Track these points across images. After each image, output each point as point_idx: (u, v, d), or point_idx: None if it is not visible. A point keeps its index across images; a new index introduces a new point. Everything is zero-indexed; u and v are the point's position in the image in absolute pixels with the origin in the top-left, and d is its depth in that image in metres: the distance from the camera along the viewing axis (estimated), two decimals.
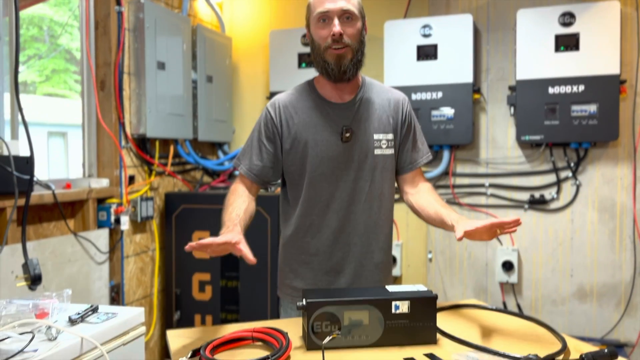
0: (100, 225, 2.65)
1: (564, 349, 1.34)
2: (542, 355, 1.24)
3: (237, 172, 3.57)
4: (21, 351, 1.23)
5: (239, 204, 1.65)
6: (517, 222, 1.42)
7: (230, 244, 1.42)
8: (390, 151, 1.72)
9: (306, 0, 1.70)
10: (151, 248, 3.09)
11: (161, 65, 2.96)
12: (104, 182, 2.70)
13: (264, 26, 3.74)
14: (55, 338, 1.35)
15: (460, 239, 1.43)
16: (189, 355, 1.30)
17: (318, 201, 1.68)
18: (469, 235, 1.46)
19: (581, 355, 1.27)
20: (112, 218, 2.67)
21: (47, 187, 2.33)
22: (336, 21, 1.57)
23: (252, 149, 1.73)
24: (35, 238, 2.34)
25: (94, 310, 1.58)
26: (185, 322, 3.08)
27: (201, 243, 1.35)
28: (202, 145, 3.60)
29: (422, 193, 1.76)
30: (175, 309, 3.10)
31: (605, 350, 1.29)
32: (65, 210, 2.50)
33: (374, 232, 1.72)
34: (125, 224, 2.72)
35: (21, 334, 1.31)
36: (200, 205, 3.07)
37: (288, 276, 1.77)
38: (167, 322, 3.13)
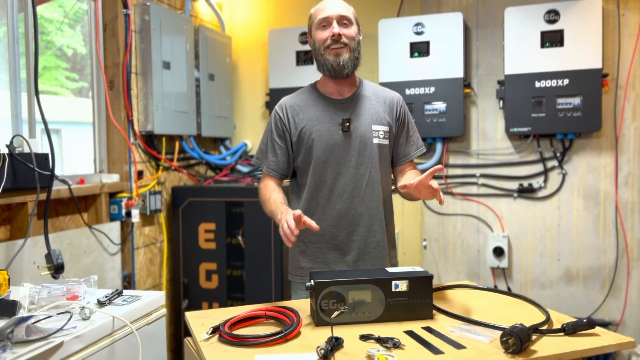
0: (112, 218, 2.79)
1: (548, 320, 1.50)
2: (527, 325, 1.40)
3: (241, 168, 3.72)
4: (61, 328, 1.38)
5: (276, 195, 1.83)
6: (437, 169, 1.60)
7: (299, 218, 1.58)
8: (387, 142, 1.90)
9: (303, 0, 1.91)
10: (159, 240, 3.23)
11: (166, 65, 3.09)
12: (114, 177, 2.84)
13: (263, 25, 3.87)
14: (89, 317, 1.51)
15: (401, 187, 1.74)
16: (210, 332, 1.45)
17: (323, 186, 1.86)
18: (410, 187, 1.66)
19: (562, 325, 1.43)
20: (123, 211, 2.81)
21: (64, 182, 2.46)
22: (335, 24, 1.81)
23: (267, 148, 1.93)
24: (53, 231, 2.47)
25: (119, 293, 1.73)
26: (193, 309, 3.21)
27: (291, 228, 1.55)
28: (205, 141, 3.74)
29: (407, 176, 1.94)
30: (183, 297, 3.24)
31: (584, 320, 1.46)
32: (79, 204, 2.63)
33: (375, 214, 1.89)
34: (135, 216, 2.86)
35: (59, 314, 1.45)
36: (205, 198, 3.21)
37: (297, 258, 1.93)
38: (176, 310, 3.27)
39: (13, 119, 2.38)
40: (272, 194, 1.84)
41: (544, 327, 1.44)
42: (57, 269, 2.05)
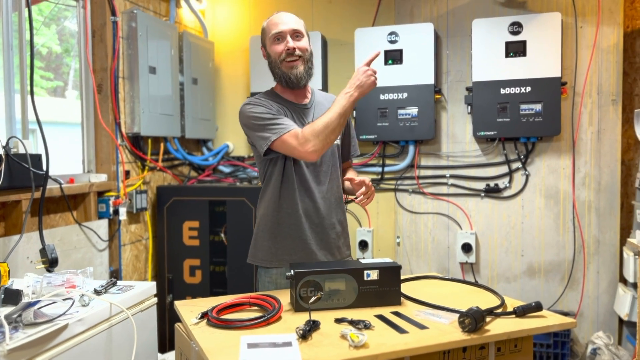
0: (100, 216, 2.92)
1: (502, 304, 1.70)
2: (483, 309, 1.57)
3: (223, 169, 3.82)
4: (65, 313, 1.52)
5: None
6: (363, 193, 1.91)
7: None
8: (339, 142, 2.10)
9: (282, 9, 2.09)
10: (145, 237, 3.36)
11: (152, 70, 3.23)
12: (102, 177, 2.97)
13: (244, 31, 4.03)
14: (88, 304, 1.65)
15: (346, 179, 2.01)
16: (199, 317, 1.60)
17: (294, 183, 1.98)
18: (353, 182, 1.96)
19: (514, 308, 1.62)
20: (111, 209, 2.94)
21: (56, 181, 2.59)
22: (289, 38, 1.95)
23: (272, 120, 1.88)
24: (45, 228, 2.58)
25: (114, 283, 1.88)
26: None
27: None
28: (189, 142, 3.88)
29: (347, 174, 2.17)
30: (167, 292, 3.38)
31: (533, 304, 1.65)
32: (69, 202, 2.75)
33: (335, 207, 2.05)
34: (123, 214, 2.99)
35: (63, 300, 1.59)
36: (189, 197, 3.36)
37: (265, 244, 2.02)
38: (161, 305, 3.41)
39: (7, 121, 2.49)
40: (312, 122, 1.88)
41: (498, 310, 1.63)
42: (51, 263, 2.18)
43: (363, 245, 3.69)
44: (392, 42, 3.51)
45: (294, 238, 1.99)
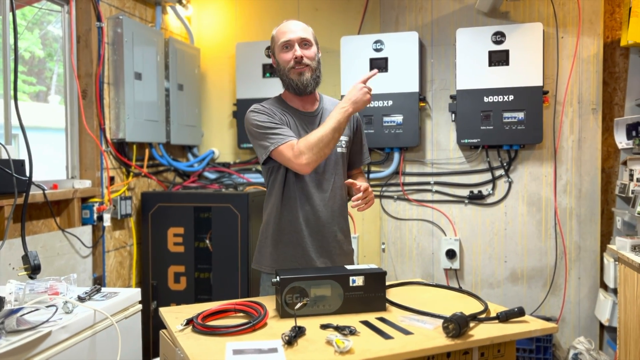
0: (84, 222, 2.90)
1: (485, 309, 1.72)
2: (467, 314, 1.59)
3: (208, 175, 3.82)
4: (48, 320, 1.51)
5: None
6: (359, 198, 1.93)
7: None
8: (346, 150, 2.12)
9: (268, 16, 2.09)
10: (129, 243, 3.34)
11: (138, 76, 3.22)
12: (87, 183, 2.95)
13: (230, 38, 4.04)
14: (72, 311, 1.64)
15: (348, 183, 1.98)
16: (184, 323, 1.60)
17: (295, 191, 2.01)
18: (354, 186, 1.96)
19: (497, 314, 1.64)
20: (95, 216, 2.92)
21: (39, 187, 2.56)
22: (297, 47, 1.98)
23: (273, 130, 1.92)
24: (27, 234, 2.56)
25: (98, 290, 1.87)
26: None
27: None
28: (174, 148, 3.87)
29: (351, 177, 2.19)
30: (152, 299, 3.36)
31: (516, 309, 1.67)
32: (52, 208, 2.73)
33: (338, 216, 2.07)
34: (107, 221, 2.97)
35: (46, 307, 1.58)
36: (174, 204, 3.35)
37: (268, 251, 2.06)
38: (145, 311, 3.38)
39: None
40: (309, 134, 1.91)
41: (482, 316, 1.65)
42: (34, 270, 2.14)
43: None
44: (377, 50, 3.54)
45: (295, 246, 2.02)
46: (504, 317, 1.62)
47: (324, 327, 1.55)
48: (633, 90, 3.35)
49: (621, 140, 3.21)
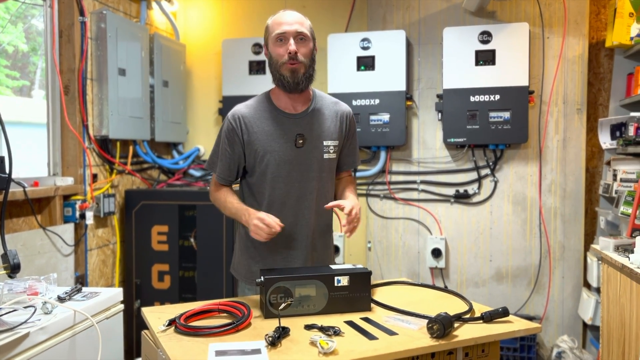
0: (66, 220, 2.85)
1: (470, 309, 1.71)
2: (451, 314, 1.59)
3: (193, 172, 3.81)
4: (26, 321, 1.48)
5: (231, 198, 1.97)
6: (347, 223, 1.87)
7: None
8: (335, 155, 2.01)
9: (255, 12, 2.01)
10: (112, 241, 3.30)
11: (122, 72, 3.17)
12: (69, 180, 2.90)
13: (216, 34, 4.00)
14: (51, 312, 1.60)
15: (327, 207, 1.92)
16: (166, 324, 1.57)
17: (277, 199, 1.94)
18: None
19: (482, 314, 1.64)
20: (77, 214, 2.87)
21: (19, 184, 2.51)
22: (292, 41, 1.85)
23: (219, 156, 1.98)
24: (7, 232, 2.51)
25: (79, 290, 1.83)
26: None
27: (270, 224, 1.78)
28: (158, 145, 3.82)
29: (340, 182, 2.12)
30: (135, 297, 3.32)
31: (500, 309, 1.67)
32: (33, 206, 2.68)
33: (322, 223, 2.02)
34: (90, 219, 2.93)
35: (24, 307, 1.55)
36: (158, 202, 3.31)
37: (247, 263, 2.01)
38: (128, 310, 3.34)
39: None
40: (227, 197, 1.95)
41: (466, 316, 1.65)
42: (13, 269, 2.10)
43: (335, 250, 3.69)
44: (364, 48, 3.53)
45: (272, 258, 1.98)
46: (489, 318, 1.63)
47: (309, 327, 1.54)
48: (617, 91, 3.38)
49: (605, 140, 3.24)
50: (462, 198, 3.58)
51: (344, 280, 1.71)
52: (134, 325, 3.31)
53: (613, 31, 3.11)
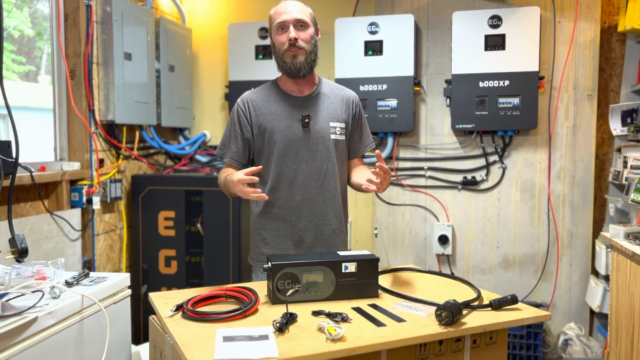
0: (73, 205, 2.85)
1: (478, 297, 1.71)
2: (459, 301, 1.58)
3: (200, 158, 3.81)
4: (34, 305, 1.48)
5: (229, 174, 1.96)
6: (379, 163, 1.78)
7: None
8: (343, 137, 2.08)
9: None
10: (119, 226, 3.30)
11: (127, 56, 3.15)
12: (75, 165, 2.89)
13: (223, 18, 3.96)
14: (59, 296, 1.60)
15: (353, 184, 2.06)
16: (174, 309, 1.58)
17: (284, 178, 2.00)
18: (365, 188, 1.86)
19: (490, 301, 1.63)
20: (84, 198, 2.87)
21: (26, 169, 2.51)
22: (292, 29, 1.95)
23: (230, 139, 2.05)
24: (14, 217, 2.52)
25: (86, 275, 1.83)
26: None
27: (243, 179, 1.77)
28: (165, 131, 3.81)
29: (356, 170, 2.14)
30: (142, 282, 3.33)
31: (509, 297, 1.66)
32: (40, 190, 2.68)
33: (331, 204, 2.05)
34: (96, 204, 2.93)
35: (32, 292, 1.55)
36: (165, 187, 3.30)
37: (259, 245, 2.08)
38: (135, 295, 3.35)
39: None
40: (227, 175, 1.95)
41: (475, 303, 1.64)
42: (21, 253, 2.11)
43: None
44: (372, 32, 3.49)
45: (282, 240, 2.04)
46: (497, 305, 1.62)
47: (316, 313, 1.53)
48: (629, 77, 3.33)
49: (616, 127, 3.20)
50: (469, 185, 3.56)
51: (351, 267, 1.70)
52: (141, 310, 3.33)
53: (626, 15, 3.05)
